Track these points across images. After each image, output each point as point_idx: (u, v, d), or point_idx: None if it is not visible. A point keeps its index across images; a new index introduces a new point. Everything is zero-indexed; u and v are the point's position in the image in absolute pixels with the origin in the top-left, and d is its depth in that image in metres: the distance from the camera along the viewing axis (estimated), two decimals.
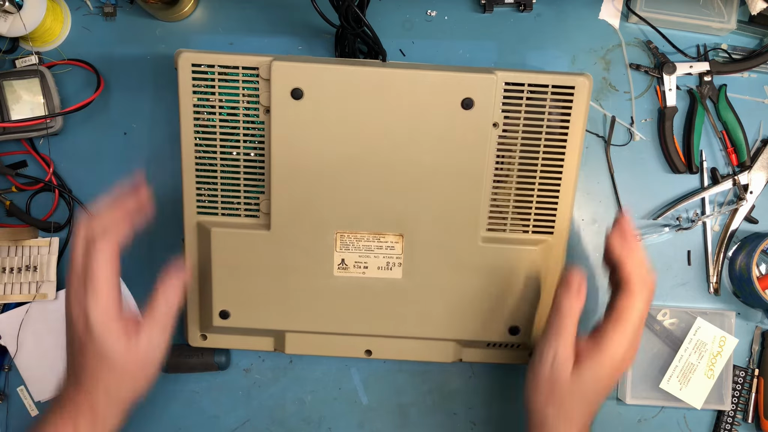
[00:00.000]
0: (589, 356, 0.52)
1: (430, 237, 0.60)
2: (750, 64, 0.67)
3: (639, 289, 0.52)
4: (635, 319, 0.52)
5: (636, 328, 0.53)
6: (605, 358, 0.52)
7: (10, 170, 0.65)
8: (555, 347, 0.53)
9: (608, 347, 0.52)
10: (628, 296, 0.52)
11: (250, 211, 0.60)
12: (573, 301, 0.53)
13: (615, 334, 0.52)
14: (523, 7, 0.67)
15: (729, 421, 0.68)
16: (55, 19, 0.65)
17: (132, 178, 0.57)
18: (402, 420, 0.68)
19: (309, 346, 0.63)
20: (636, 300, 0.52)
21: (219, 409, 0.68)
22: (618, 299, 0.53)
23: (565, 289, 0.53)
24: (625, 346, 0.52)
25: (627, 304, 0.52)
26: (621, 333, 0.52)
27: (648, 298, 0.53)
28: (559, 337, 0.53)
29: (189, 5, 0.66)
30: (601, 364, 0.52)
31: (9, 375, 0.67)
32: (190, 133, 0.59)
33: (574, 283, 0.53)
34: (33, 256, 0.65)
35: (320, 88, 0.57)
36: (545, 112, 0.58)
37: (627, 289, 0.53)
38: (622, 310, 0.52)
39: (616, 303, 0.53)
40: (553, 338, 0.53)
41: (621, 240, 0.54)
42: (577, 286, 0.53)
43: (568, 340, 0.53)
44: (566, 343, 0.53)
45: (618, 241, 0.54)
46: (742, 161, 0.67)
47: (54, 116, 0.63)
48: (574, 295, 0.53)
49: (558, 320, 0.53)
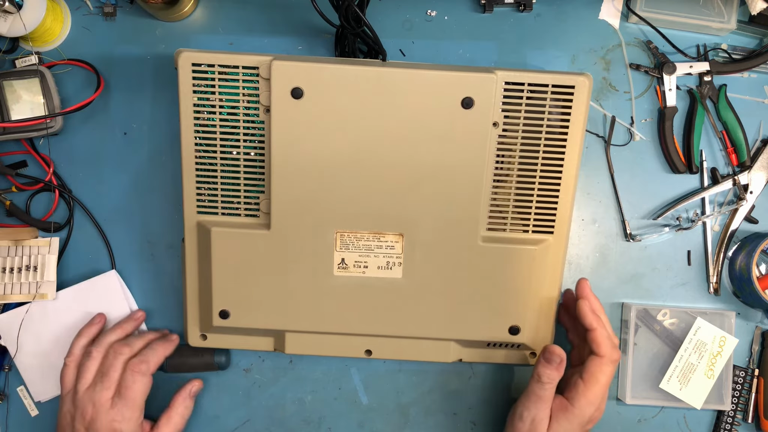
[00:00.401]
0: (563, 415, 0.58)
1: (430, 236, 0.60)
2: (750, 64, 0.67)
3: (610, 354, 0.58)
4: (604, 382, 0.58)
5: (604, 390, 0.59)
6: (576, 417, 0.58)
7: (10, 170, 0.65)
8: (534, 412, 0.58)
9: (579, 406, 0.58)
10: (600, 361, 0.58)
11: (250, 211, 0.60)
12: (553, 373, 0.58)
13: (586, 395, 0.58)
14: (523, 7, 0.67)
15: (729, 421, 0.68)
16: (55, 19, 0.65)
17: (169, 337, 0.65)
18: (402, 420, 0.68)
19: (309, 346, 0.63)
20: (606, 365, 0.58)
21: (219, 409, 0.68)
22: (590, 363, 0.58)
23: (548, 361, 0.58)
24: (595, 405, 0.58)
25: (599, 368, 0.58)
26: (592, 393, 0.58)
27: (615, 365, 0.59)
28: (538, 402, 0.58)
29: (189, 5, 0.66)
30: (573, 422, 0.58)
31: (9, 375, 0.67)
32: (190, 133, 0.59)
33: (556, 358, 0.58)
34: (33, 256, 0.65)
35: (320, 88, 0.57)
36: (545, 111, 0.58)
37: (599, 353, 0.58)
38: (592, 373, 0.58)
39: (588, 366, 0.58)
40: (532, 404, 0.59)
41: (592, 311, 0.59)
42: (559, 361, 0.58)
43: (546, 404, 0.58)
44: (545, 408, 0.58)
45: (589, 310, 0.59)
46: (742, 161, 0.67)
47: (54, 116, 0.63)
48: (554, 368, 0.58)
49: (538, 388, 0.58)
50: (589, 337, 0.59)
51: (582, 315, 0.59)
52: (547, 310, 0.62)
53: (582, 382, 0.58)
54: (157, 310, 0.68)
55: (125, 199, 0.67)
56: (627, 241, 0.68)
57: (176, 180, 0.65)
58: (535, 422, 0.58)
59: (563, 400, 0.59)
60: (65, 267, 0.67)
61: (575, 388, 0.58)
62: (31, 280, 0.65)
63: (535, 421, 0.58)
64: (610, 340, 0.59)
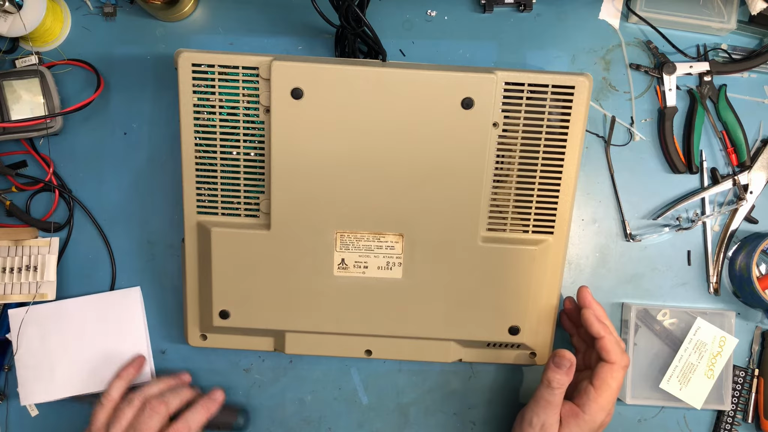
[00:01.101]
0: (573, 421, 0.58)
1: (430, 237, 0.60)
2: (750, 64, 0.67)
3: (620, 361, 0.58)
4: (615, 387, 0.58)
5: (614, 396, 0.58)
6: (587, 423, 0.58)
7: (10, 170, 0.65)
8: (544, 417, 0.58)
9: (591, 413, 0.58)
10: (611, 368, 0.58)
11: (250, 211, 0.60)
12: (564, 378, 0.58)
13: (598, 401, 0.58)
14: (523, 7, 0.67)
15: (729, 421, 0.68)
16: (55, 19, 0.65)
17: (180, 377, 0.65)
18: (402, 420, 0.68)
19: (309, 346, 0.63)
20: (617, 371, 0.58)
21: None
22: (600, 369, 0.58)
23: (558, 366, 0.58)
24: (606, 411, 0.58)
25: (610, 375, 0.58)
26: (604, 399, 0.58)
27: (626, 370, 0.59)
28: (548, 407, 0.58)
29: (189, 5, 0.66)
30: (584, 428, 0.58)
31: (9, 375, 0.67)
32: (190, 133, 0.59)
33: (566, 362, 0.58)
34: (33, 256, 0.65)
35: (320, 88, 0.57)
36: (545, 111, 0.58)
37: (610, 360, 0.58)
38: (604, 379, 0.58)
39: (599, 372, 0.58)
40: (542, 409, 0.58)
41: (597, 319, 0.60)
42: (569, 365, 0.58)
43: (555, 410, 0.58)
44: (554, 413, 0.58)
45: (595, 319, 0.60)
46: (742, 161, 0.67)
47: (54, 116, 0.63)
48: (564, 373, 0.58)
49: (548, 393, 0.58)
50: (598, 345, 0.59)
51: (588, 324, 0.59)
52: (546, 311, 0.62)
53: (593, 388, 0.58)
54: (157, 310, 0.68)
55: (125, 199, 0.67)
56: (627, 241, 0.68)
57: (176, 180, 0.65)
58: (545, 428, 0.58)
59: (573, 407, 0.58)
60: (65, 267, 0.67)
61: (586, 394, 0.58)
62: (31, 280, 0.65)
63: (545, 427, 0.58)
64: (619, 345, 0.59)
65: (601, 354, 0.58)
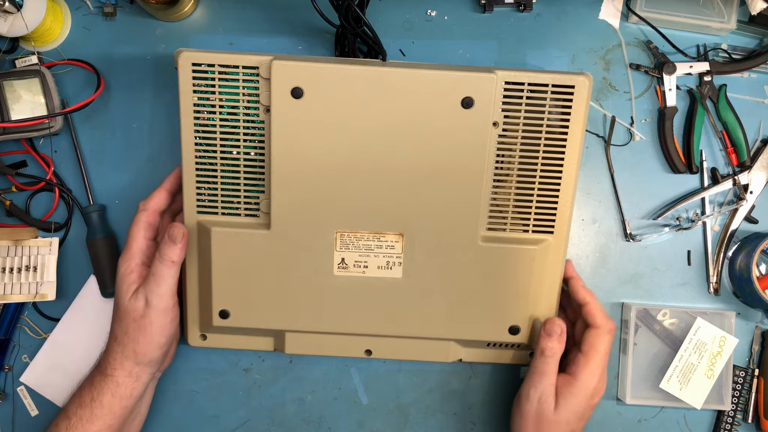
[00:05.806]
0: (568, 390, 0.59)
1: (430, 236, 0.60)
2: (750, 64, 0.67)
3: (605, 324, 0.60)
4: (603, 352, 0.59)
5: (604, 360, 0.60)
6: (581, 390, 0.59)
7: (10, 170, 0.65)
8: (541, 388, 0.59)
9: (582, 379, 0.59)
10: (597, 332, 0.60)
11: (250, 211, 0.60)
12: (556, 345, 0.59)
13: (588, 366, 0.59)
14: (523, 7, 0.67)
15: (729, 421, 0.68)
16: (55, 19, 0.65)
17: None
18: (402, 420, 0.68)
19: (309, 346, 0.63)
20: (603, 335, 0.59)
21: (219, 409, 0.68)
22: (588, 335, 0.60)
23: (549, 334, 0.59)
24: (597, 376, 0.59)
25: (597, 339, 0.59)
26: (593, 364, 0.59)
27: (612, 335, 0.60)
28: (543, 377, 0.59)
29: (189, 5, 0.66)
30: (578, 396, 0.59)
31: (9, 375, 0.67)
32: (190, 132, 0.59)
33: (557, 328, 0.59)
34: (33, 256, 0.65)
35: (320, 88, 0.57)
36: (545, 111, 0.58)
37: (595, 325, 0.60)
38: (591, 344, 0.59)
39: (586, 338, 0.60)
40: (538, 379, 0.59)
41: (582, 286, 0.62)
42: (559, 332, 0.59)
43: (551, 380, 0.59)
44: (550, 383, 0.59)
45: (581, 286, 0.62)
46: (742, 161, 0.67)
47: (54, 116, 0.63)
48: (556, 340, 0.59)
49: (542, 363, 0.59)
50: (584, 311, 0.61)
51: (574, 292, 0.62)
52: (547, 310, 0.62)
53: (582, 354, 0.59)
54: None
55: (125, 198, 0.67)
56: (627, 241, 0.68)
57: None
58: (541, 400, 0.59)
59: (566, 376, 0.60)
60: (65, 267, 0.67)
61: (576, 362, 0.60)
62: (31, 280, 0.65)
63: (541, 399, 0.59)
64: (603, 311, 0.61)
65: (587, 319, 0.60)
